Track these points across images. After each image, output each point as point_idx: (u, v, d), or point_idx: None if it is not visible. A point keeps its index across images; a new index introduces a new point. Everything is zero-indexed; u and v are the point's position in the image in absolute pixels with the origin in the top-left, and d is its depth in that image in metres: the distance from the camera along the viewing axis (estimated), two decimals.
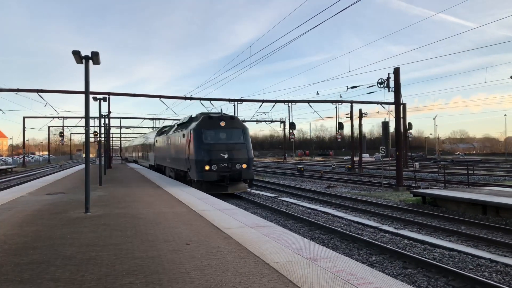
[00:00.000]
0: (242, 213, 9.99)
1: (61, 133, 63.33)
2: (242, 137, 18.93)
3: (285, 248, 6.38)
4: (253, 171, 20.21)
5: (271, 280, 4.84)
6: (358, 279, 4.84)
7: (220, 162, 17.79)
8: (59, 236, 7.50)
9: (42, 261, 5.78)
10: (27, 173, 42.34)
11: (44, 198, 13.61)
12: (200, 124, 18.79)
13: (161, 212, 10.16)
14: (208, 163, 17.68)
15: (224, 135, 18.72)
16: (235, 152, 18.19)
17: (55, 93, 31.87)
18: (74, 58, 10.20)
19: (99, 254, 6.14)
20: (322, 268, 5.30)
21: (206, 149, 17.91)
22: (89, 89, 10.61)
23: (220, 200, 12.69)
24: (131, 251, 6.31)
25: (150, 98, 32.66)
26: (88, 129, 10.96)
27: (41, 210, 10.70)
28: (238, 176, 17.97)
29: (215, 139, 18.46)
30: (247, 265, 5.50)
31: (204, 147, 17.95)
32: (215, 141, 18.31)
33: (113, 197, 13.70)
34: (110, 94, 30.90)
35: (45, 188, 17.22)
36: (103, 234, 7.61)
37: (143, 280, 4.91)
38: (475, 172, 31.98)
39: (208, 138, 18.37)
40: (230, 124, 19.03)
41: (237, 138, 18.77)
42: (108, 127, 36.45)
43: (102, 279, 4.97)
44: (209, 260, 5.74)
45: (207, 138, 18.30)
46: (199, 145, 18.08)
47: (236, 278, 4.93)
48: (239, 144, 18.60)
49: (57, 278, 5.01)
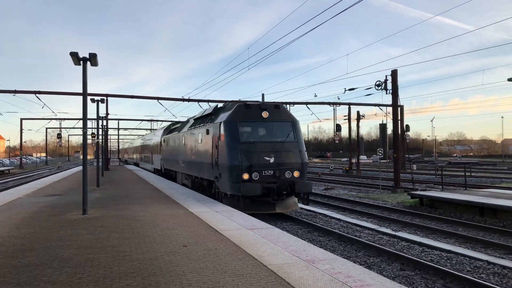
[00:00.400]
0: (240, 215, 9.99)
1: (59, 134, 63.13)
2: (292, 133, 13.76)
3: (283, 250, 6.38)
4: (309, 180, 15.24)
5: (268, 282, 4.83)
6: (356, 281, 4.84)
7: (264, 168, 12.78)
8: (56, 238, 7.47)
9: (39, 263, 5.76)
10: (24, 175, 42.21)
11: (41, 200, 13.56)
12: (234, 115, 13.53)
13: (158, 214, 10.14)
14: (247, 170, 12.59)
15: (267, 130, 13.74)
16: (284, 154, 13.16)
17: (52, 95, 31.72)
18: (72, 59, 10.19)
19: (97, 256, 6.12)
20: (320, 270, 5.30)
21: (245, 150, 12.86)
22: (87, 91, 10.60)
23: (217, 202, 12.68)
24: (128, 253, 6.29)
25: (148, 100, 32.37)
26: (86, 131, 10.94)
27: (38, 212, 10.66)
28: (288, 189, 12.77)
29: (256, 136, 13.61)
30: (245, 267, 5.49)
31: (241, 148, 12.89)
32: (256, 139, 13.37)
33: (110, 199, 13.66)
34: (108, 96, 30.83)
35: (43, 190, 17.17)
36: (101, 236, 7.59)
37: (140, 282, 4.90)
38: (473, 174, 32.06)
39: (246, 134, 13.49)
40: (275, 115, 13.80)
41: (285, 134, 13.64)
42: (106, 129, 36.40)
43: (100, 281, 4.96)
44: (206, 262, 5.73)
45: (244, 135, 13.39)
46: (234, 144, 13.00)
47: (234, 280, 4.92)
48: (290, 143, 13.49)
49: (54, 280, 4.99)
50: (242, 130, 13.42)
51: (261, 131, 13.78)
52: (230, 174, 12.74)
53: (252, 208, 12.53)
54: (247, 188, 12.17)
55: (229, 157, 12.88)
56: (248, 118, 13.61)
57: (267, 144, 13.23)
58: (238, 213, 10.33)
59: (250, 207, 12.55)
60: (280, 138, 13.53)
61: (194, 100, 33.26)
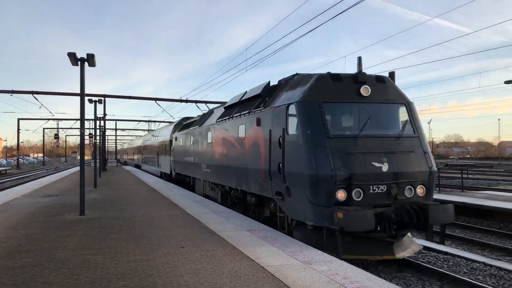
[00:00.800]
0: (238, 216, 9.98)
1: (56, 135, 63.07)
2: (410, 122, 8.47)
3: (280, 251, 6.39)
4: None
5: (266, 284, 4.84)
6: (353, 283, 4.85)
7: (373, 182, 7.55)
8: (53, 239, 7.46)
9: (36, 264, 5.75)
10: (21, 175, 42.05)
11: (38, 200, 13.53)
12: (315, 91, 8.23)
13: (155, 215, 10.13)
14: (345, 184, 7.39)
15: (371, 117, 8.15)
16: (401, 157, 7.90)
17: (50, 95, 31.75)
18: (70, 60, 10.17)
19: (94, 257, 6.11)
20: (317, 272, 5.30)
21: (338, 150, 7.64)
22: (85, 91, 10.60)
23: (214, 203, 12.66)
24: (125, 254, 6.28)
25: (146, 100, 32.32)
26: (83, 131, 10.92)
27: (35, 213, 10.63)
28: (414, 217, 7.41)
29: (354, 127, 8.25)
30: (242, 268, 5.50)
31: (332, 146, 7.64)
32: (355, 132, 8.03)
33: (108, 199, 13.63)
34: (105, 96, 30.84)
35: (40, 191, 17.12)
36: (98, 237, 7.57)
37: (137, 283, 4.89)
38: (469, 176, 32.13)
39: (338, 124, 8.41)
40: (379, 92, 8.46)
41: (398, 124, 8.49)
42: (103, 129, 36.34)
43: (97, 282, 4.95)
44: (204, 263, 5.73)
45: (336, 125, 8.29)
46: (318, 140, 7.74)
47: (231, 282, 4.92)
48: (408, 138, 8.23)
49: (51, 282, 4.98)
50: (331, 116, 8.19)
51: (362, 117, 8.12)
52: (312, 191, 7.49)
53: (355, 251, 7.48)
54: (351, 218, 6.75)
55: (309, 161, 7.60)
56: (338, 96, 8.20)
57: (373, 140, 7.92)
58: (235, 213, 10.32)
59: (351, 248, 7.40)
60: (392, 130, 8.26)
61: (192, 101, 33.24)
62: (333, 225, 7.01)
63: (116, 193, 15.71)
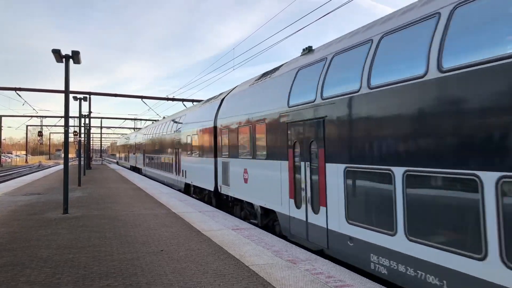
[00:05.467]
0: (223, 215, 9.98)
1: (40, 132, 61.97)
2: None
3: (265, 250, 6.41)
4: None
5: (250, 283, 4.85)
6: (337, 282, 4.90)
7: None
8: (35, 237, 7.35)
9: (17, 263, 5.66)
10: (3, 173, 41.27)
11: (20, 198, 13.31)
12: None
13: (140, 214, 10.06)
14: None
15: None
16: None
17: (34, 92, 31.20)
18: (54, 57, 10.05)
19: (77, 256, 6.05)
20: (302, 271, 5.34)
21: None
22: (69, 88, 10.47)
23: (201, 202, 12.64)
24: (109, 253, 6.23)
25: (132, 98, 32.05)
26: (68, 129, 10.80)
27: (17, 211, 10.46)
28: None
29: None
30: (226, 267, 5.50)
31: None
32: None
33: (92, 198, 13.48)
34: (91, 94, 30.44)
35: (22, 189, 16.84)
36: (81, 236, 7.49)
37: (121, 282, 4.86)
38: None
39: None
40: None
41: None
42: (88, 127, 35.88)
43: (79, 281, 4.90)
44: (188, 263, 5.72)
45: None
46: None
47: (216, 281, 4.92)
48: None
49: (33, 281, 4.91)
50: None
51: None
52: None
53: None
54: None
55: None
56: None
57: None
58: (221, 213, 10.31)
59: None
60: None
61: (178, 99, 33.06)
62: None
63: (100, 191, 15.55)
